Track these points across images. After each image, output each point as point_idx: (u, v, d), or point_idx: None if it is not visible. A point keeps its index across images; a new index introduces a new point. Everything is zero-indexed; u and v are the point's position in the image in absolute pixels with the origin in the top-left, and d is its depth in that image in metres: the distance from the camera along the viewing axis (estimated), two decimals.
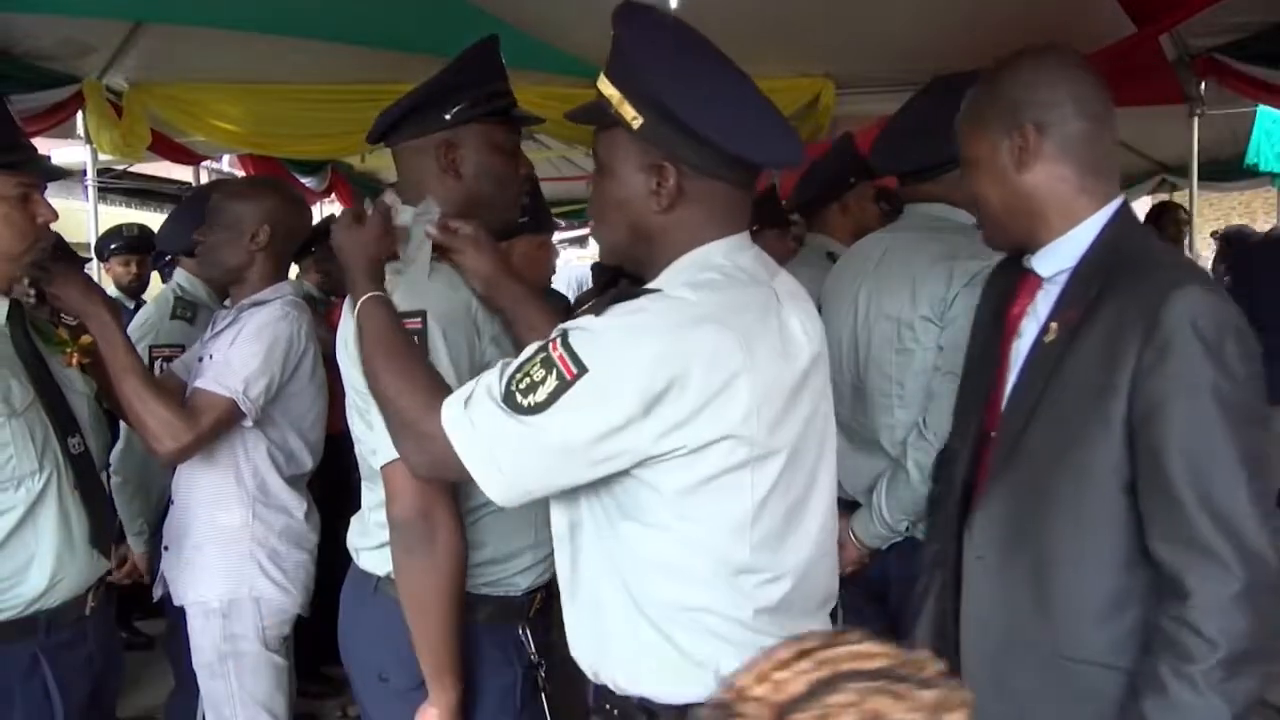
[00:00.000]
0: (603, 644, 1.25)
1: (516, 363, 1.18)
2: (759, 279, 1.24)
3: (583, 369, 1.11)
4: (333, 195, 7.73)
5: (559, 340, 1.14)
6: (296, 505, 2.21)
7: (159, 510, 2.68)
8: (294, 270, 3.26)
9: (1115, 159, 1.39)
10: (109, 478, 2.52)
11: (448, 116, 1.56)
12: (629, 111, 1.19)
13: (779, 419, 1.17)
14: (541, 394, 1.12)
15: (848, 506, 2.02)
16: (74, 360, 1.86)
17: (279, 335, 2.11)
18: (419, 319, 1.45)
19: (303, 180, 6.84)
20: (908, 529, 1.91)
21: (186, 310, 2.87)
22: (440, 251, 1.52)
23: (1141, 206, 12.71)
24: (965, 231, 1.90)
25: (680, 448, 1.13)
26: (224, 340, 2.14)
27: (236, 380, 2.04)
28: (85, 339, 1.88)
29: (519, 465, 1.16)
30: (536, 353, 1.16)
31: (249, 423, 2.10)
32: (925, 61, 4.59)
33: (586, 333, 1.14)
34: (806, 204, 3.03)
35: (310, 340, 2.17)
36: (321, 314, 3.49)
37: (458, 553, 1.40)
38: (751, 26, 4.51)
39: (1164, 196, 9.37)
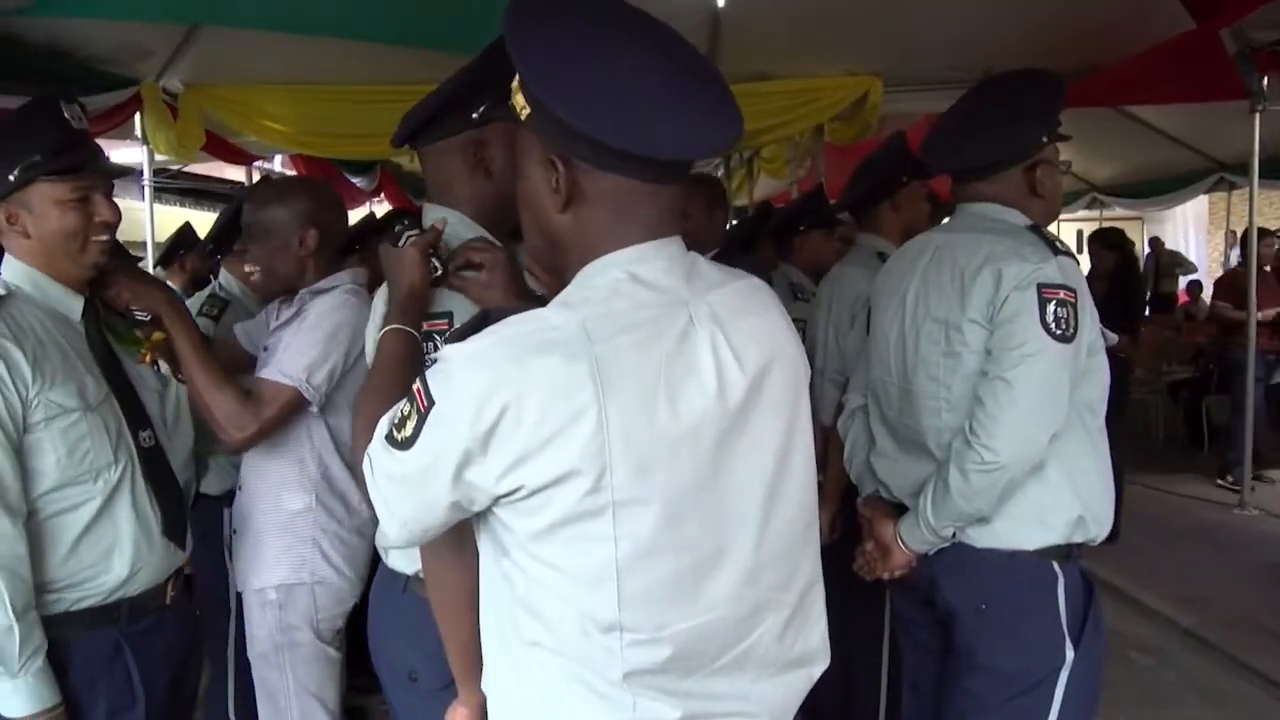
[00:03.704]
0: (485, 676, 1.20)
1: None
2: (671, 295, 1.10)
3: (431, 401, 1.04)
4: (382, 195, 7.83)
5: (423, 371, 1.08)
6: (358, 493, 2.23)
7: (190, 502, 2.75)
8: None
9: None
10: None
11: (475, 115, 1.56)
12: (519, 101, 1.10)
13: (652, 465, 1.04)
14: (409, 428, 1.07)
15: (895, 509, 2.00)
16: (148, 358, 1.91)
17: (341, 322, 2.12)
18: (445, 320, 1.47)
19: (353, 180, 6.94)
20: (954, 535, 1.88)
21: (214, 307, 2.91)
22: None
23: (1198, 205, 12.46)
24: (1017, 233, 1.87)
25: (520, 488, 1.03)
26: (288, 332, 2.17)
27: (299, 369, 2.07)
28: (158, 336, 1.93)
29: (398, 501, 1.12)
30: (411, 385, 1.10)
31: (314, 409, 2.12)
32: (974, 59, 4.56)
33: (440, 362, 1.06)
34: (857, 203, 2.99)
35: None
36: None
37: None
38: (799, 25, 4.50)
39: (1222, 195, 9.15)
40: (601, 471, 1.02)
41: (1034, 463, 1.80)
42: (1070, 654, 1.85)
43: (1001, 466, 1.76)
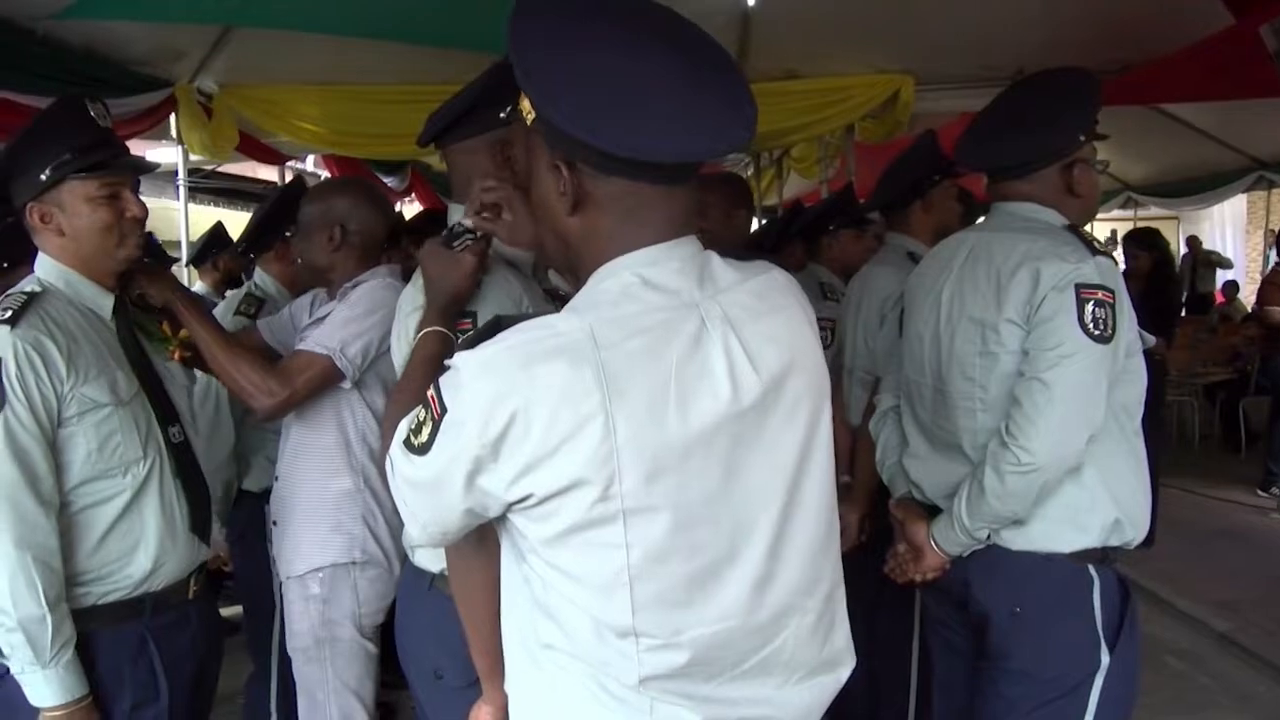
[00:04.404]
0: (507, 678, 1.20)
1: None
2: (683, 298, 1.08)
3: (444, 408, 1.05)
4: (413, 195, 7.87)
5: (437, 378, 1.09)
6: None
7: (229, 499, 2.78)
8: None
9: None
10: None
11: (502, 115, 1.58)
12: (526, 104, 1.08)
13: (661, 471, 1.02)
14: (425, 434, 1.07)
15: (928, 511, 1.99)
16: (177, 355, 1.96)
17: (379, 301, 2.15)
18: (470, 320, 1.49)
19: (384, 179, 6.98)
20: (989, 537, 1.86)
21: (250, 306, 2.95)
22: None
23: (1236, 205, 12.25)
24: (1054, 232, 1.85)
25: (530, 496, 1.03)
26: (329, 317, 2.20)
27: (334, 340, 2.10)
28: (185, 333, 1.99)
29: (416, 505, 1.13)
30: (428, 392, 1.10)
31: (347, 384, 2.14)
32: (1007, 58, 4.52)
33: (450, 370, 1.06)
34: (888, 202, 2.96)
35: None
36: None
37: None
38: (830, 24, 4.47)
39: (1262, 194, 9.01)
40: (610, 479, 1.01)
41: (1071, 465, 1.78)
42: (1105, 658, 1.82)
43: (1038, 468, 1.74)
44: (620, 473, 1.01)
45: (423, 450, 1.08)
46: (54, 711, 1.66)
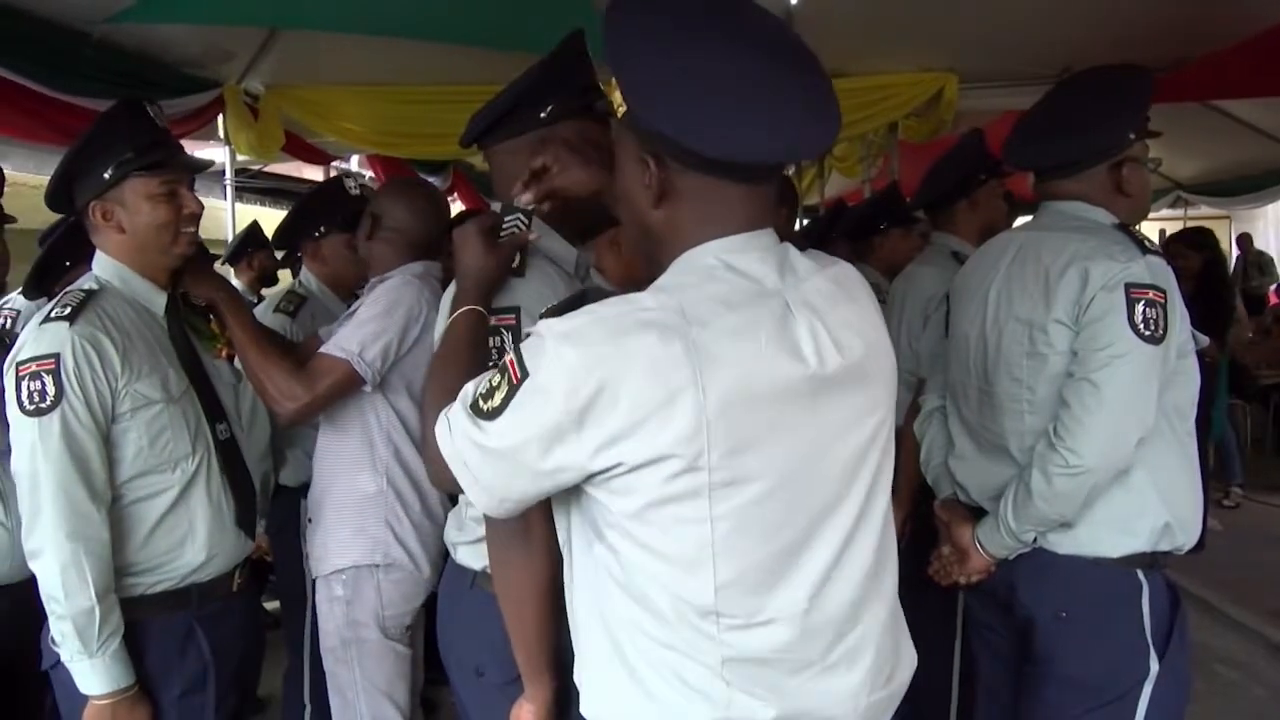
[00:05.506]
0: (579, 665, 1.20)
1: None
2: (766, 284, 1.10)
3: (525, 374, 1.05)
4: (455, 195, 7.92)
5: (516, 344, 1.09)
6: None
7: (267, 493, 2.82)
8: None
9: None
10: None
11: (542, 115, 1.58)
12: (618, 98, 1.14)
13: (749, 444, 1.04)
14: (497, 399, 1.07)
15: (973, 513, 1.96)
16: (224, 353, 2.01)
17: (398, 300, 2.16)
18: (512, 315, 1.48)
19: (427, 179, 7.03)
20: (1035, 540, 1.84)
21: (289, 304, 2.96)
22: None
23: None
24: (1104, 231, 1.82)
25: (618, 465, 1.04)
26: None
27: (353, 343, 2.11)
28: None
29: (485, 472, 1.12)
30: (500, 356, 1.10)
31: (368, 387, 2.14)
32: (1053, 54, 4.44)
33: (534, 336, 1.07)
34: (933, 202, 2.93)
35: (434, 309, 2.20)
36: None
37: (553, 549, 1.38)
38: (873, 22, 4.43)
39: None
40: (699, 452, 1.02)
41: (1120, 467, 1.75)
42: (1154, 666, 1.79)
43: (1086, 470, 1.71)
44: (709, 446, 1.02)
45: (493, 415, 1.08)
46: (100, 700, 1.69)
